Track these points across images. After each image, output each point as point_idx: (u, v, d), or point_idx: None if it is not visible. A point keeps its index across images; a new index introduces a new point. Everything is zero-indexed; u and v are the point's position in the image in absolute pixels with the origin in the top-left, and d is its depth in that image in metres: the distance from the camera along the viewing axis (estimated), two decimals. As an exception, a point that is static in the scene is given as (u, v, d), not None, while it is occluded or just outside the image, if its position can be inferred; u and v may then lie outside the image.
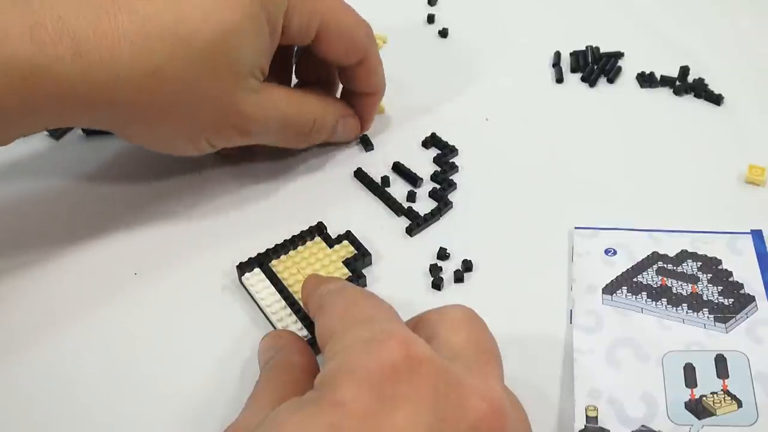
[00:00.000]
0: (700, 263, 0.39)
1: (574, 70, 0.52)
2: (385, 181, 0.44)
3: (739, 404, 0.33)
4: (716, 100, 0.49)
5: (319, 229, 0.41)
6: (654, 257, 0.39)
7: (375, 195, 0.44)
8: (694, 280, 0.38)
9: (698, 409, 0.33)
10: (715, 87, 0.50)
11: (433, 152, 0.46)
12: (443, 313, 0.31)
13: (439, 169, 0.45)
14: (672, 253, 0.40)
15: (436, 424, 0.25)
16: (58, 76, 0.34)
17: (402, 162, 0.45)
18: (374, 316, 0.29)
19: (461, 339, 0.30)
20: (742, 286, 0.38)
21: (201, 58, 0.36)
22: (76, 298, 0.39)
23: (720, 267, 0.39)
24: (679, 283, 0.38)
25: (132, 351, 0.37)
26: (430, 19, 0.56)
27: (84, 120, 0.38)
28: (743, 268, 0.39)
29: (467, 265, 0.40)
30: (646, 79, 0.51)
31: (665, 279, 0.38)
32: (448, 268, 0.40)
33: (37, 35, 0.34)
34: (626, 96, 0.50)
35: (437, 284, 0.39)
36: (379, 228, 0.42)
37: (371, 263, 0.40)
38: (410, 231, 0.42)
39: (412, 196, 0.44)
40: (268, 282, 0.38)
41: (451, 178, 0.45)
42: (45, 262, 0.40)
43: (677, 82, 0.50)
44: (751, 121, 0.48)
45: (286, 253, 0.40)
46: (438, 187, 0.44)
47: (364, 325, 0.29)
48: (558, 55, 0.53)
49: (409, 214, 0.43)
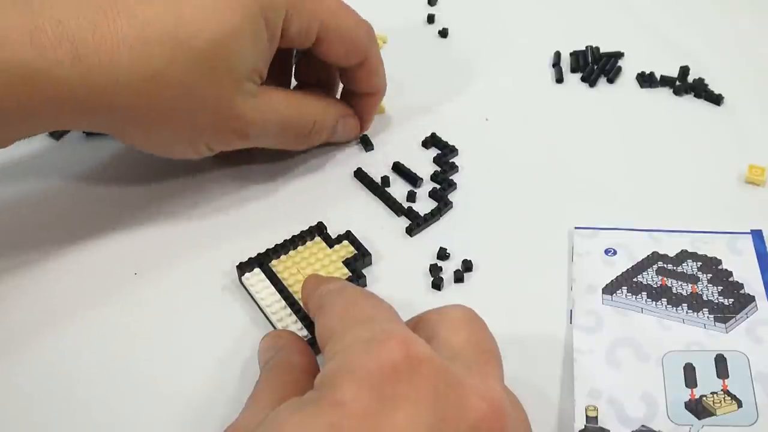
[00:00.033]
0: (700, 263, 0.39)
1: (574, 70, 0.52)
2: (385, 181, 0.44)
3: (739, 404, 0.33)
4: (716, 100, 0.49)
5: (319, 229, 0.41)
6: (654, 257, 0.39)
7: (375, 195, 0.44)
8: (694, 280, 0.38)
9: (698, 409, 0.33)
10: (715, 87, 0.50)
11: (433, 152, 0.46)
12: (443, 313, 0.31)
13: (439, 169, 0.45)
14: (672, 253, 0.40)
15: (436, 424, 0.25)
16: (58, 80, 0.34)
17: (402, 162, 0.45)
18: (374, 316, 0.29)
19: (461, 339, 0.30)
20: (742, 286, 0.38)
21: (200, 62, 0.36)
22: (76, 298, 0.39)
23: (720, 267, 0.39)
24: (679, 283, 0.38)
25: (132, 351, 0.37)
26: (430, 19, 0.56)
27: (83, 124, 0.38)
28: (743, 268, 0.39)
29: (467, 265, 0.40)
30: (646, 79, 0.51)
31: (665, 279, 0.38)
32: (448, 268, 0.40)
33: (37, 39, 0.34)
34: (626, 96, 0.50)
35: (437, 284, 0.39)
36: (379, 228, 0.42)
37: (371, 263, 0.40)
38: (410, 231, 0.42)
39: (412, 196, 0.44)
40: (268, 282, 0.38)
41: (451, 178, 0.45)
42: (45, 262, 0.40)
43: (677, 82, 0.50)
44: (751, 121, 0.48)
45: (286, 253, 0.40)
46: (438, 187, 0.44)
47: (364, 325, 0.29)
48: (558, 55, 0.53)
49: (409, 214, 0.43)
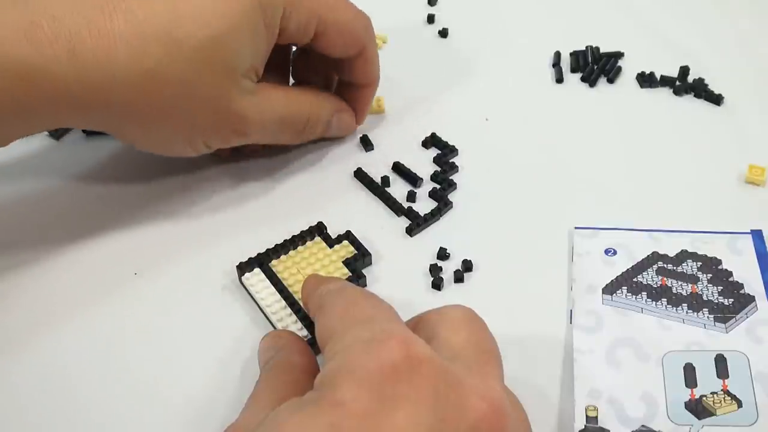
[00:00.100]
0: (700, 263, 0.39)
1: (574, 70, 0.52)
2: (385, 181, 0.44)
3: (739, 404, 0.33)
4: (716, 100, 0.49)
5: (319, 229, 0.41)
6: (654, 257, 0.39)
7: (375, 195, 0.44)
8: (694, 280, 0.38)
9: (698, 409, 0.33)
10: (715, 87, 0.50)
11: (433, 152, 0.46)
12: (443, 313, 0.31)
13: (439, 169, 0.45)
14: (672, 253, 0.40)
15: (436, 424, 0.25)
16: (54, 77, 0.34)
17: (402, 162, 0.45)
18: (374, 316, 0.29)
19: (461, 339, 0.30)
20: (742, 286, 0.38)
21: (197, 59, 0.36)
22: (76, 298, 0.39)
23: (720, 267, 0.39)
24: (679, 283, 0.38)
25: (131, 351, 0.37)
26: (430, 19, 0.56)
27: (79, 121, 0.38)
28: (743, 268, 0.39)
29: (467, 265, 0.40)
30: (646, 79, 0.51)
31: (665, 279, 0.38)
32: (448, 268, 0.40)
33: (33, 35, 0.34)
34: (626, 96, 0.50)
35: (437, 284, 0.39)
36: (379, 228, 0.42)
37: (371, 263, 0.40)
38: (410, 231, 0.42)
39: (412, 196, 0.43)
40: (268, 282, 0.38)
41: (451, 178, 0.45)
42: (45, 262, 0.40)
43: (677, 82, 0.50)
44: (751, 121, 0.48)
45: (286, 253, 0.40)
46: (438, 187, 0.44)
47: (364, 325, 0.29)
48: (558, 55, 0.53)
49: (409, 214, 0.43)
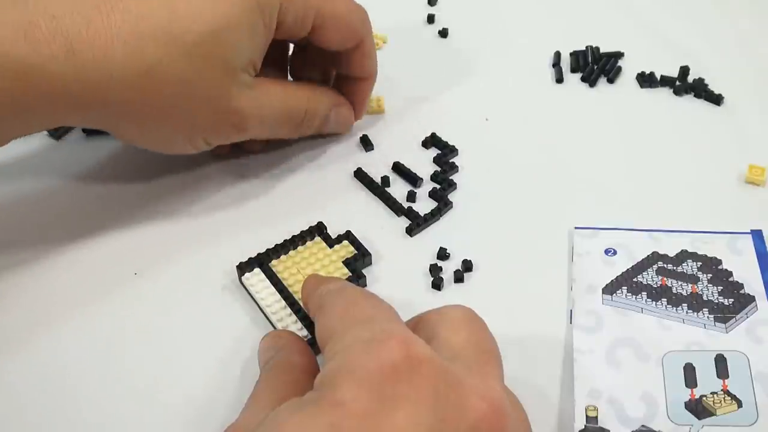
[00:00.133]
0: (700, 263, 0.39)
1: (574, 70, 0.52)
2: (385, 181, 0.44)
3: (739, 404, 0.33)
4: (716, 100, 0.49)
5: (319, 229, 0.41)
6: (654, 257, 0.39)
7: (375, 195, 0.44)
8: (694, 280, 0.38)
9: (698, 409, 0.33)
10: (715, 87, 0.50)
11: (433, 152, 0.46)
12: (443, 313, 0.31)
13: (439, 169, 0.45)
14: (672, 253, 0.40)
15: (436, 424, 0.25)
16: (52, 76, 0.34)
17: (402, 162, 0.45)
18: (374, 316, 0.29)
19: (461, 339, 0.30)
20: (742, 286, 0.38)
21: (194, 55, 0.36)
22: (76, 297, 0.39)
23: (720, 267, 0.39)
24: (679, 283, 0.38)
25: (131, 351, 0.37)
26: (430, 19, 0.56)
27: (77, 119, 0.38)
28: (743, 268, 0.39)
29: (467, 265, 0.40)
30: (646, 79, 0.51)
31: (665, 279, 0.38)
32: (448, 268, 0.40)
33: (31, 34, 0.34)
34: (626, 96, 0.50)
35: (437, 284, 0.39)
36: (379, 228, 0.42)
37: (371, 263, 0.40)
38: (410, 231, 0.42)
39: (412, 196, 0.43)
40: (268, 282, 0.38)
41: (451, 178, 0.45)
42: (44, 261, 0.40)
43: (677, 82, 0.50)
44: (751, 121, 0.48)
45: (286, 253, 0.40)
46: (438, 187, 0.44)
47: (364, 325, 0.29)
48: (558, 55, 0.53)
49: (409, 214, 0.43)
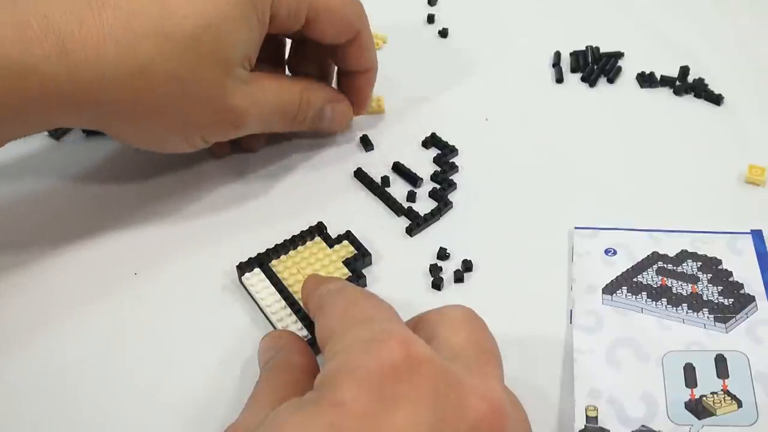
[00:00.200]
0: (700, 263, 0.39)
1: (574, 70, 0.52)
2: (385, 181, 0.44)
3: (739, 404, 0.33)
4: (716, 100, 0.49)
5: (319, 229, 0.41)
6: (654, 257, 0.39)
7: (375, 195, 0.44)
8: (694, 280, 0.38)
9: (698, 409, 0.33)
10: (715, 87, 0.50)
11: (433, 152, 0.46)
12: (443, 313, 0.31)
13: (439, 169, 0.45)
14: (672, 253, 0.40)
15: (436, 424, 0.25)
16: (44, 76, 0.34)
17: (402, 162, 0.45)
18: (374, 316, 0.29)
19: (461, 339, 0.30)
20: (742, 286, 0.38)
21: (187, 51, 0.36)
22: (75, 298, 0.39)
23: (720, 267, 0.39)
24: (679, 283, 0.38)
25: (131, 351, 0.37)
26: (430, 19, 0.56)
27: (71, 119, 0.37)
28: (743, 268, 0.39)
29: (467, 265, 0.40)
30: (646, 79, 0.51)
31: (665, 279, 0.38)
32: (448, 268, 0.40)
33: (23, 34, 0.33)
34: (626, 96, 0.50)
35: (437, 284, 0.39)
36: (379, 228, 0.42)
37: (371, 263, 0.40)
38: (410, 231, 0.42)
39: (412, 196, 0.43)
40: (268, 282, 0.38)
41: (451, 178, 0.45)
42: (44, 262, 0.40)
43: (677, 82, 0.50)
44: (751, 121, 0.48)
45: (286, 253, 0.40)
46: (438, 187, 0.44)
47: (364, 325, 0.29)
48: (558, 55, 0.53)
49: (409, 214, 0.43)
